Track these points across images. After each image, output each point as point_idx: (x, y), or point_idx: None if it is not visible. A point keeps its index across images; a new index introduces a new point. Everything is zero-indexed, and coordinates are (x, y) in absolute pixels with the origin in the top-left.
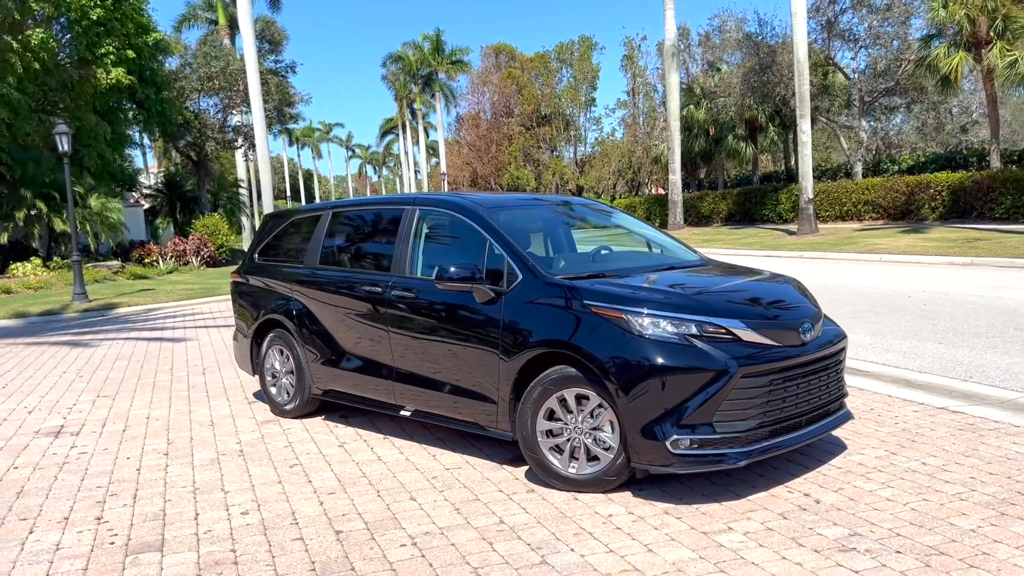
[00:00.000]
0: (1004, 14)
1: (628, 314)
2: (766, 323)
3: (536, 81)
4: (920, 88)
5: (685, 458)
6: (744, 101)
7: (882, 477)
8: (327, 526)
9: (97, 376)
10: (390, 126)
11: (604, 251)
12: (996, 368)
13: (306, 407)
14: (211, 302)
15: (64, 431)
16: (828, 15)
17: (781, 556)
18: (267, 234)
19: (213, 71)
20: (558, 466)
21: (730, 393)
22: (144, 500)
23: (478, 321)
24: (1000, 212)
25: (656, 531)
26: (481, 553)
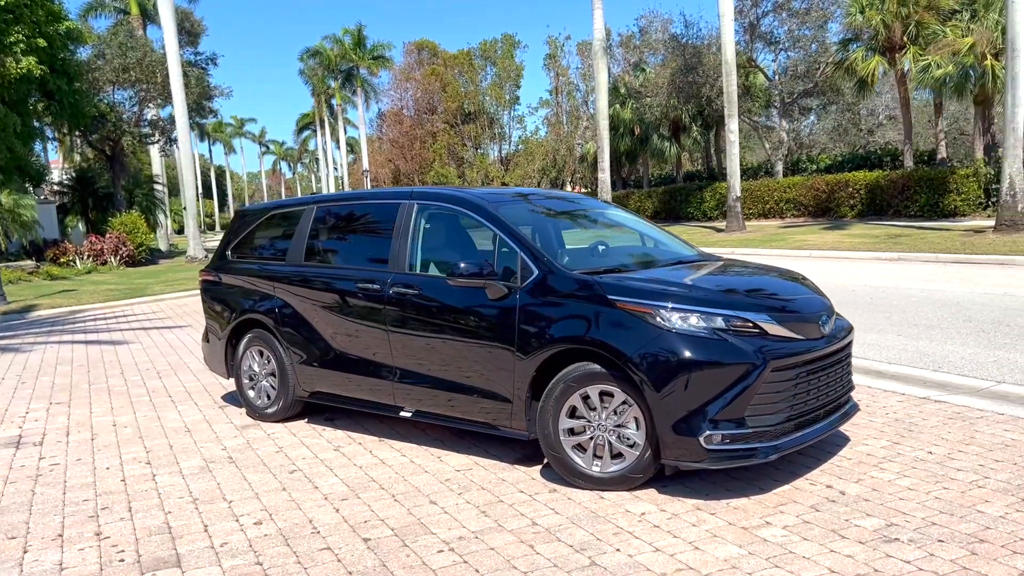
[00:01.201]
0: (917, 20)
1: (656, 309)
2: (789, 316)
3: (460, 78)
4: (836, 90)
5: (717, 453)
6: (669, 101)
7: (895, 467)
8: (352, 534)
9: (42, 382)
10: (306, 122)
11: (604, 246)
12: (960, 359)
13: (289, 410)
14: (142, 303)
15: (24, 441)
16: (750, 18)
17: (828, 549)
18: (240, 230)
19: (129, 62)
20: (582, 465)
21: (761, 387)
22: (142, 513)
23: (490, 318)
24: (915, 209)
25: (695, 528)
26: (525, 556)
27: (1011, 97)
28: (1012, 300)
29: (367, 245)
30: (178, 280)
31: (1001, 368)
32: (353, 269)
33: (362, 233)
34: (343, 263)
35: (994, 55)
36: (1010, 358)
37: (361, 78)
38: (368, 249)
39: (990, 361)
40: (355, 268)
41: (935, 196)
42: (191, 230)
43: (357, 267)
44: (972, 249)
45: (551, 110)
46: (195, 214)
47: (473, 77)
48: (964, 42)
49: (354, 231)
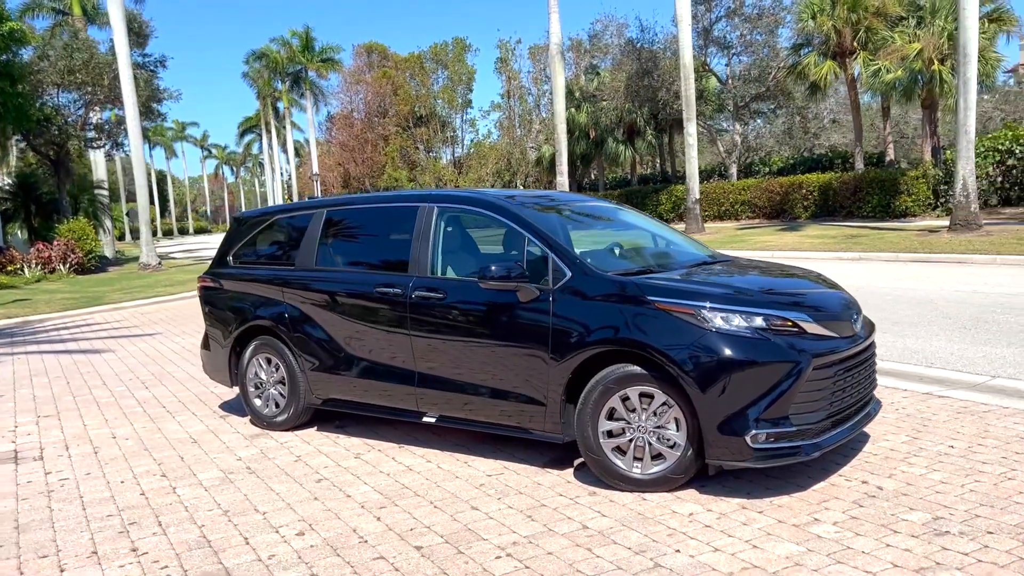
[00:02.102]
0: (867, 26)
1: (698, 309)
2: (825, 315)
3: (412, 81)
4: (787, 94)
5: (763, 452)
6: (625, 105)
7: (922, 461)
8: (401, 542)
9: (22, 395)
10: (250, 125)
11: (622, 248)
12: (950, 354)
13: (299, 418)
14: (102, 311)
15: (23, 456)
16: (704, 23)
17: (884, 544)
18: (242, 236)
19: (75, 64)
20: (622, 467)
21: (804, 385)
22: (173, 527)
23: (521, 321)
24: (867, 210)
25: (746, 527)
26: (586, 560)
27: (963, 101)
28: (983, 297)
29: (383, 249)
30: (135, 288)
31: (992, 363)
32: (370, 273)
33: (377, 237)
34: (358, 267)
35: (940, 60)
36: (997, 353)
37: (310, 81)
38: (385, 253)
39: (979, 356)
40: (372, 272)
41: (886, 197)
42: (144, 236)
43: (374, 271)
44: (930, 248)
45: (503, 113)
46: (147, 220)
47: (425, 80)
48: (912, 48)
49: (368, 235)
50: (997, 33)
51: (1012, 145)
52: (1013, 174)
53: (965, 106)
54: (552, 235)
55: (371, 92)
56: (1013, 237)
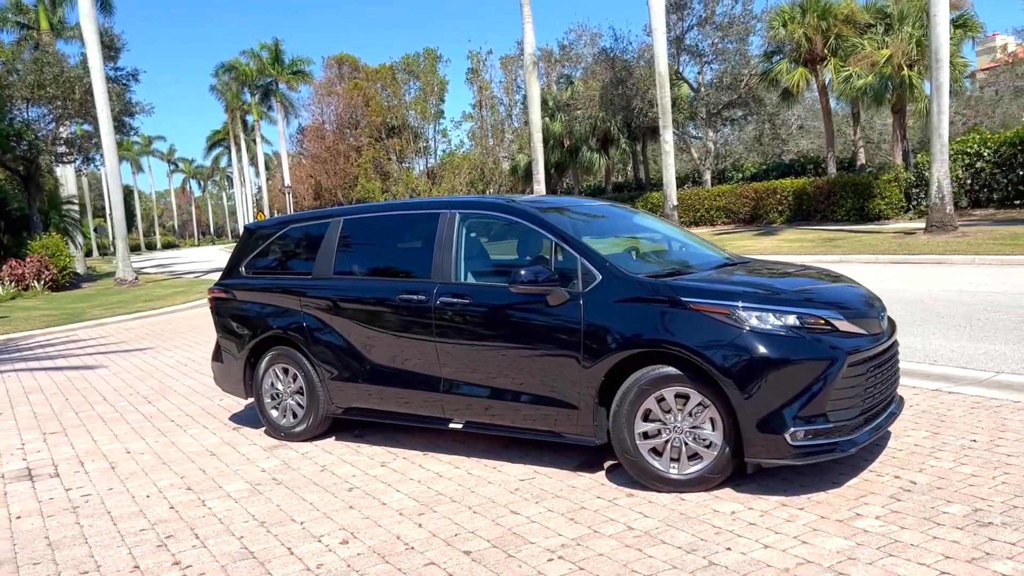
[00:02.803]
0: (836, 33)
1: (733, 309)
2: (854, 313)
3: (383, 92)
4: (759, 100)
5: (802, 449)
6: (599, 113)
7: (948, 456)
8: (448, 548)
9: (22, 412)
10: (218, 138)
11: (641, 251)
12: (951, 351)
13: (318, 428)
14: (85, 328)
15: (37, 473)
16: (676, 32)
17: (931, 536)
18: (254, 246)
19: (45, 78)
20: (659, 468)
21: (840, 381)
22: (212, 539)
23: (551, 324)
24: (841, 214)
25: (791, 523)
26: (639, 560)
27: (936, 105)
28: (970, 296)
29: (404, 256)
30: (115, 304)
31: (993, 359)
32: (391, 280)
33: (397, 244)
34: (378, 275)
35: (909, 65)
36: (997, 349)
37: (280, 93)
38: (406, 260)
39: (980, 353)
40: (393, 279)
41: (860, 201)
42: (121, 251)
43: (395, 278)
44: (908, 250)
45: (475, 123)
46: (124, 235)
47: (396, 91)
48: (882, 54)
49: (388, 242)
50: (963, 39)
51: (980, 148)
52: (982, 176)
53: (938, 110)
54: (580, 239)
55: (342, 104)
56: (988, 237)
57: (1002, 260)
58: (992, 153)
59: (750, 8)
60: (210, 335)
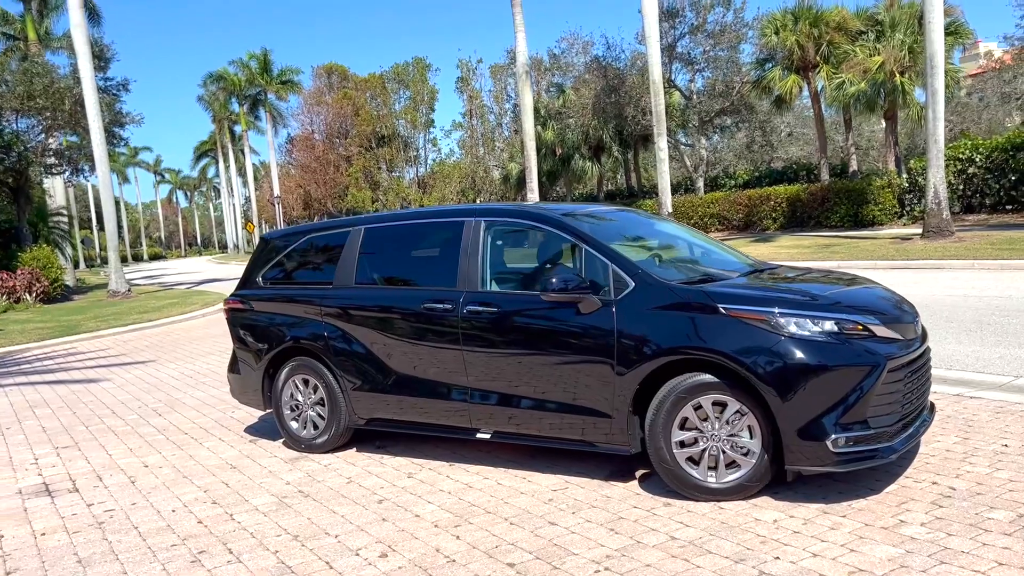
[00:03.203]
0: (828, 40)
1: (771, 315)
2: (890, 318)
3: (373, 102)
4: (751, 108)
5: (844, 456)
6: (591, 122)
7: (983, 461)
8: (491, 560)
9: (30, 426)
10: (205, 149)
11: (665, 258)
12: (966, 356)
13: (340, 440)
14: (82, 340)
15: (55, 489)
16: (668, 39)
17: (980, 543)
18: (271, 256)
19: (35, 89)
20: (697, 477)
21: (880, 387)
22: (247, 554)
23: (583, 333)
24: (835, 220)
25: (835, 531)
26: (688, 571)
27: (931, 111)
28: (976, 301)
29: (428, 265)
30: (110, 316)
31: (1010, 364)
32: (415, 289)
33: (420, 253)
34: (401, 284)
35: (901, 72)
36: (1012, 354)
37: (269, 103)
38: (430, 268)
39: (995, 357)
40: (417, 288)
41: (854, 207)
42: (113, 263)
43: (419, 287)
44: (907, 255)
45: (465, 132)
46: (116, 246)
47: (386, 100)
48: (874, 61)
49: (411, 251)
50: (954, 46)
51: (972, 154)
52: (974, 182)
53: (934, 116)
54: (610, 246)
55: (332, 113)
56: (985, 242)
57: (1001, 264)
58: (984, 159)
59: (741, 16)
60: (211, 347)
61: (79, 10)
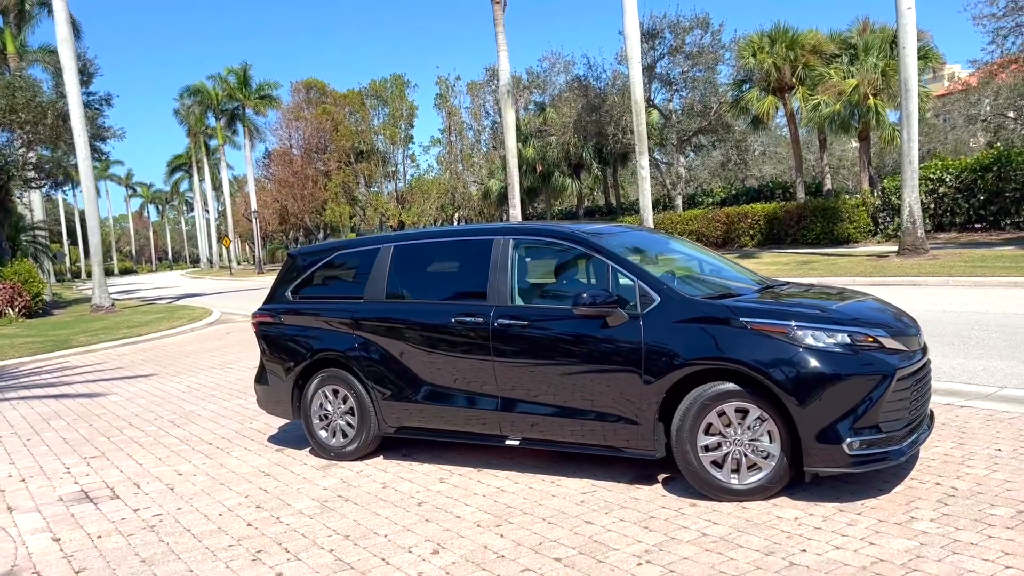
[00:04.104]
0: (804, 63)
1: (789, 328)
2: (897, 331)
3: (352, 117)
4: (727, 127)
5: (858, 458)
6: (572, 139)
7: (980, 464)
8: (537, 555)
9: (49, 438)
10: (180, 163)
11: (694, 274)
12: (952, 368)
13: (368, 448)
14: (74, 354)
15: (96, 496)
16: (648, 60)
17: (987, 536)
18: (301, 271)
19: (17, 103)
20: (720, 479)
21: (891, 395)
22: (304, 552)
23: (611, 345)
24: (812, 237)
25: (853, 527)
26: (724, 563)
27: (906, 133)
28: (955, 316)
29: (458, 280)
30: (98, 330)
31: (994, 375)
32: (446, 303)
33: (450, 268)
34: (431, 298)
35: (874, 94)
36: (995, 366)
37: (247, 118)
38: (460, 284)
39: (979, 369)
40: (447, 302)
41: (829, 225)
42: (97, 277)
43: (449, 301)
44: (883, 272)
45: (444, 148)
46: (100, 261)
47: (365, 116)
48: (848, 83)
49: (440, 267)
50: (924, 69)
51: (943, 174)
52: (945, 201)
53: (908, 137)
54: (636, 263)
55: (310, 128)
56: (959, 260)
57: (975, 281)
58: (954, 179)
59: (719, 38)
60: (210, 361)
61: (66, 25)
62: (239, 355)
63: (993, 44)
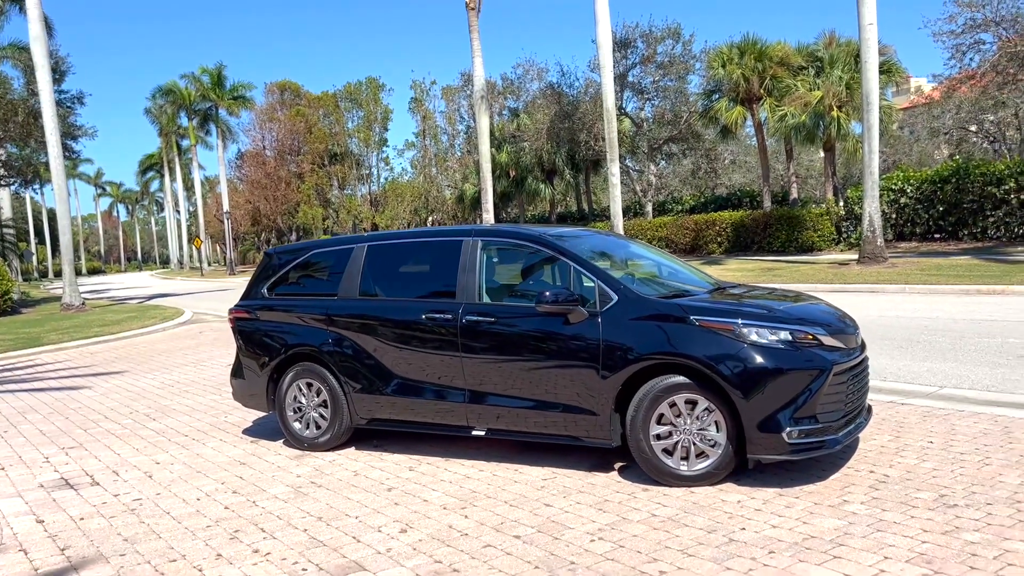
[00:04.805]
0: (772, 74)
1: (736, 326)
2: (835, 329)
3: (326, 119)
4: (697, 136)
5: (797, 446)
6: (545, 146)
7: (912, 455)
8: (498, 533)
9: (26, 430)
10: (152, 162)
11: (651, 275)
12: (898, 369)
13: (341, 439)
14: (45, 352)
15: (76, 483)
16: (620, 69)
17: (909, 516)
18: (277, 269)
19: None
20: (671, 465)
21: (828, 388)
22: (280, 531)
23: (572, 340)
24: (777, 245)
25: (791, 508)
26: (671, 539)
27: (867, 145)
28: (907, 321)
29: (428, 279)
30: (69, 328)
31: (936, 376)
32: (416, 301)
33: (421, 268)
34: (402, 296)
35: (839, 107)
36: (938, 367)
37: (220, 118)
38: (429, 282)
39: (923, 370)
40: (418, 300)
41: (794, 233)
42: (67, 276)
43: (419, 299)
44: (844, 279)
45: (418, 152)
46: (71, 260)
47: (339, 118)
48: (814, 95)
49: (411, 266)
50: (887, 83)
51: (904, 185)
52: (906, 212)
53: (869, 149)
54: (596, 264)
55: (284, 130)
56: (916, 268)
57: (930, 289)
58: (915, 190)
59: (690, 48)
60: (182, 359)
61: (39, 23)
62: (212, 353)
63: (953, 60)
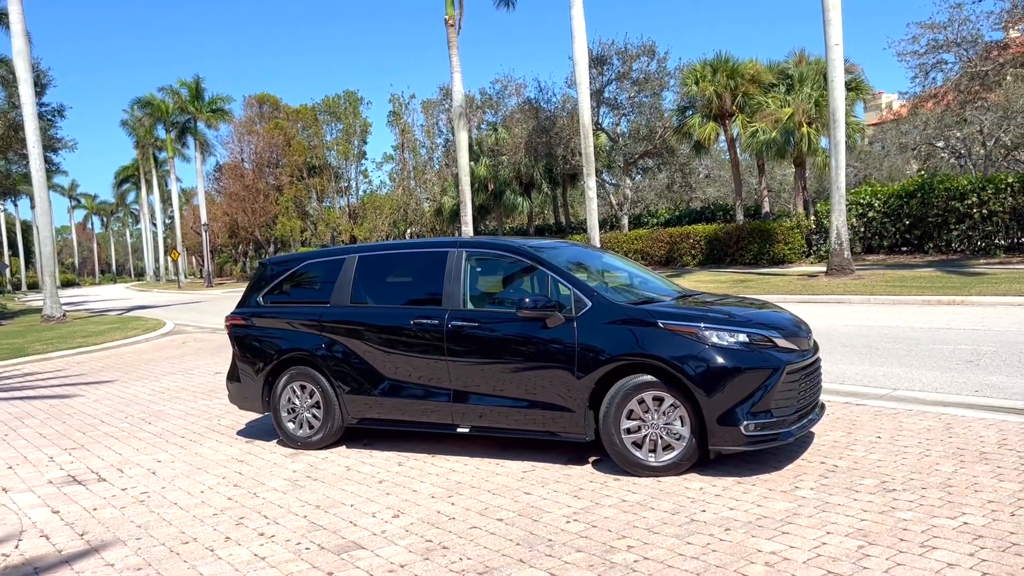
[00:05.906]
0: (744, 91)
1: (699, 329)
2: (789, 333)
3: (305, 132)
4: (672, 151)
5: (753, 438)
6: (523, 159)
7: (861, 448)
8: (483, 517)
9: (27, 433)
10: (128, 174)
11: (622, 283)
12: (856, 374)
13: (333, 438)
14: (31, 362)
15: (83, 479)
16: (596, 85)
17: (852, 499)
18: (271, 279)
19: None
20: (640, 457)
21: (781, 386)
22: (281, 518)
23: (550, 343)
24: (749, 258)
25: (747, 494)
26: (639, 520)
27: (834, 160)
28: (869, 329)
29: (416, 287)
30: (52, 339)
31: (890, 379)
32: (404, 307)
33: (409, 277)
34: (391, 303)
35: (808, 123)
36: (893, 372)
37: (198, 131)
38: (417, 290)
39: (879, 375)
40: (406, 306)
41: (766, 246)
42: (48, 288)
43: (407, 306)
44: (812, 290)
45: (397, 165)
46: (52, 271)
47: (318, 131)
48: (785, 112)
49: (400, 275)
50: (855, 100)
51: (872, 199)
52: (873, 225)
53: (836, 165)
54: (572, 273)
55: (263, 142)
56: (881, 280)
57: (893, 300)
58: (882, 204)
59: (664, 65)
60: (169, 368)
61: (22, 37)
62: (197, 363)
63: (917, 79)
